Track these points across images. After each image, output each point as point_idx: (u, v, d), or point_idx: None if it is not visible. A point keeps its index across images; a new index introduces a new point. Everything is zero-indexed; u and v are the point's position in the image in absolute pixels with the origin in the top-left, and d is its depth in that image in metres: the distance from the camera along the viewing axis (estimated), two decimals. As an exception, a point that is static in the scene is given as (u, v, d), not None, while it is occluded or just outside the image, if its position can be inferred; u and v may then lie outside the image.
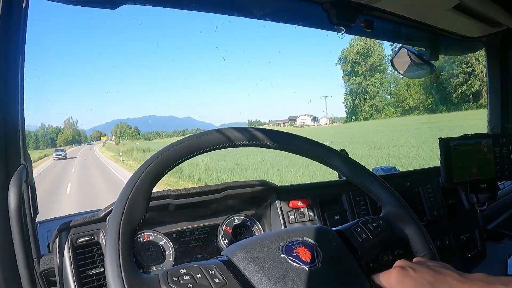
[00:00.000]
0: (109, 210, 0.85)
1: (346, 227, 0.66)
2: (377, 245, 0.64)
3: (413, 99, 42.00)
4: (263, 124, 71.59)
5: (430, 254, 0.64)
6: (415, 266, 0.56)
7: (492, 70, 1.63)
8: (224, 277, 0.51)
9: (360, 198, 1.19)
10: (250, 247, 0.57)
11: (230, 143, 0.63)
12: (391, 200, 0.68)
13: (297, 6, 1.18)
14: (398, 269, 0.56)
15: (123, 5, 0.94)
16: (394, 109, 46.18)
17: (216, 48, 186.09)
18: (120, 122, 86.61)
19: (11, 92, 0.74)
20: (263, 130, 0.67)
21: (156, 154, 0.57)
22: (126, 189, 0.53)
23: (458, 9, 1.20)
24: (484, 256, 1.42)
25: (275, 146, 0.66)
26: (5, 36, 0.72)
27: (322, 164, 0.70)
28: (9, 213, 0.71)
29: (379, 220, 0.66)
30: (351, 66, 49.31)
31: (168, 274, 0.50)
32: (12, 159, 0.74)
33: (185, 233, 1.01)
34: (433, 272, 0.54)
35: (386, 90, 47.98)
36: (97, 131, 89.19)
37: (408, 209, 0.67)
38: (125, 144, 43.98)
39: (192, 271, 0.50)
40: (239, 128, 0.65)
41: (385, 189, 0.69)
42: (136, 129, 77.23)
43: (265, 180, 1.06)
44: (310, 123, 63.77)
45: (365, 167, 0.71)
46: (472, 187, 1.36)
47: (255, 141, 0.65)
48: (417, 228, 0.65)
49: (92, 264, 0.82)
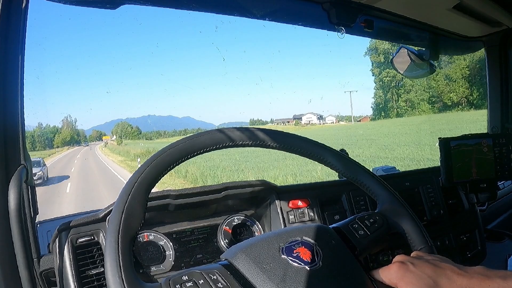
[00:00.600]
0: (109, 210, 0.85)
1: (343, 224, 0.66)
2: (375, 241, 0.64)
3: (456, 93, 37.20)
4: (266, 124, 70.64)
5: (428, 248, 0.63)
6: (414, 260, 0.56)
7: (492, 70, 1.63)
8: (226, 281, 0.51)
9: (360, 197, 1.19)
10: (250, 249, 0.57)
11: (231, 143, 0.63)
12: (385, 195, 0.68)
13: (297, 6, 1.18)
14: (397, 264, 0.56)
15: (123, 5, 0.94)
16: (431, 105, 41.00)
17: (216, 48, 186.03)
18: (121, 121, 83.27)
19: (11, 92, 0.74)
20: (262, 130, 0.67)
21: (150, 159, 0.57)
22: (122, 197, 0.53)
23: (458, 9, 1.20)
24: (484, 256, 1.42)
25: (271, 145, 0.66)
26: (5, 36, 0.72)
27: (316, 162, 0.70)
28: (9, 213, 0.71)
29: (375, 216, 0.66)
30: (384, 57, 42.09)
31: (171, 282, 0.49)
32: (12, 159, 0.74)
33: (185, 233, 1.01)
34: (432, 266, 0.54)
35: (421, 85, 40.87)
36: (97, 130, 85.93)
37: (402, 203, 0.67)
38: (127, 145, 40.84)
39: (194, 277, 0.50)
40: (239, 128, 0.64)
41: (379, 185, 0.68)
42: (137, 128, 74.33)
43: (265, 180, 1.06)
44: (316, 121, 62.21)
45: (360, 164, 0.70)
46: (472, 187, 1.36)
47: (255, 141, 0.65)
48: (412, 222, 0.65)
49: (92, 264, 0.82)
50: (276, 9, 1.20)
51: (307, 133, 31.70)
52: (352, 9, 1.14)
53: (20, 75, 0.75)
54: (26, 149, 0.77)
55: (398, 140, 19.70)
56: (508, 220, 1.68)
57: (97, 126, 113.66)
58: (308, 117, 64.45)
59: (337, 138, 23.98)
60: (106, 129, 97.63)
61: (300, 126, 58.85)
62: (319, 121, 62.07)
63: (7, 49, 0.73)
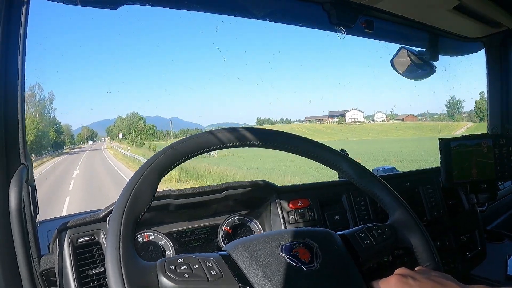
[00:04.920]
0: (109, 210, 0.85)
1: (350, 232, 0.66)
2: (380, 252, 0.64)
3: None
4: (275, 123, 66.61)
5: (434, 265, 0.63)
6: (415, 275, 0.55)
7: (492, 70, 1.63)
8: (220, 270, 0.52)
9: (360, 198, 1.19)
10: (250, 244, 0.58)
11: (258, 143, 0.65)
12: (399, 209, 0.68)
13: (297, 6, 1.19)
14: (397, 277, 0.55)
15: (124, 5, 0.94)
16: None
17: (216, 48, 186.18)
18: (132, 112, 61.71)
19: (11, 92, 0.74)
20: (281, 134, 0.68)
21: (167, 147, 0.58)
22: (134, 177, 0.54)
23: (458, 9, 1.20)
24: (484, 257, 1.42)
25: (290, 150, 0.68)
26: (5, 36, 0.72)
27: (330, 168, 0.70)
28: (9, 212, 0.72)
29: (384, 227, 0.66)
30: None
31: (166, 263, 0.50)
32: (13, 159, 0.74)
33: (185, 233, 1.01)
34: (433, 282, 0.53)
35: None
36: (88, 128, 68.08)
37: (416, 219, 0.67)
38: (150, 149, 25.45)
39: (189, 261, 0.51)
40: (265, 129, 0.67)
41: (393, 197, 0.69)
42: (152, 125, 52.24)
43: (265, 180, 1.06)
44: (362, 119, 53.24)
45: (374, 174, 0.71)
46: (472, 188, 1.36)
47: (278, 143, 0.67)
48: (423, 237, 0.65)
49: (92, 264, 0.82)
50: (277, 10, 1.20)
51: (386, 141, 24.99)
52: (352, 9, 1.14)
53: (21, 75, 0.75)
54: (27, 148, 0.77)
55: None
56: (508, 220, 1.68)
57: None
58: (352, 114, 55.38)
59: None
60: (97, 130, 78.74)
61: (346, 125, 49.28)
62: (366, 120, 52.03)
63: (7, 49, 0.73)
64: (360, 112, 54.22)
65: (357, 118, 54.23)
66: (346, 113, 56.38)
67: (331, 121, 58.40)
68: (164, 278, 0.49)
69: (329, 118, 59.23)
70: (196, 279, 0.50)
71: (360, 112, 54.24)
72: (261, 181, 1.05)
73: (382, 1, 1.10)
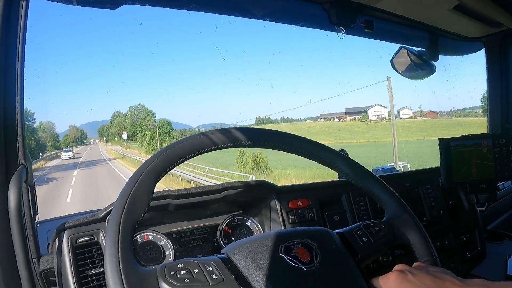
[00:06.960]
0: (108, 210, 0.85)
1: (348, 230, 0.66)
2: (378, 249, 0.64)
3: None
4: (275, 122, 63.95)
5: (432, 260, 0.64)
6: (414, 270, 0.56)
7: (492, 70, 1.63)
8: (221, 273, 0.52)
9: (359, 198, 1.19)
10: (249, 246, 0.57)
11: (250, 143, 0.64)
12: (395, 205, 0.68)
13: (297, 6, 1.19)
14: (397, 273, 0.56)
15: (123, 5, 0.94)
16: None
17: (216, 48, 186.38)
18: (137, 105, 49.82)
19: (11, 92, 0.74)
20: (275, 133, 0.68)
21: (161, 151, 0.58)
22: (130, 182, 0.54)
23: (458, 9, 1.20)
24: (484, 257, 1.42)
25: (284, 149, 0.68)
26: (5, 36, 0.72)
27: (326, 166, 0.70)
28: (9, 213, 0.71)
29: (381, 224, 0.66)
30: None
31: (166, 269, 0.50)
32: (12, 159, 0.74)
33: (184, 233, 1.01)
34: (432, 277, 0.54)
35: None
36: (77, 128, 54.41)
37: (412, 214, 0.68)
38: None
39: (190, 266, 0.51)
40: (258, 129, 0.67)
41: (389, 194, 0.69)
42: (166, 121, 40.55)
43: (264, 180, 1.06)
44: (387, 116, 45.83)
45: (368, 170, 0.71)
46: (472, 188, 1.36)
47: (272, 143, 0.66)
48: (420, 233, 0.66)
49: (92, 264, 0.82)
50: (276, 10, 1.20)
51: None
52: (352, 9, 1.14)
53: (20, 75, 0.75)
54: (26, 149, 0.77)
55: None
56: (508, 220, 1.68)
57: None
58: (376, 110, 49.65)
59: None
60: (87, 131, 65.97)
61: (371, 123, 43.83)
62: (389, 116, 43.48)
63: (7, 49, 0.73)
64: (385, 108, 48.26)
65: (382, 114, 48.89)
66: (369, 110, 50.81)
67: (350, 118, 52.68)
68: (165, 284, 0.48)
69: (347, 115, 54.03)
70: (197, 284, 0.50)
71: (384, 108, 48.44)
72: (261, 181, 1.05)
73: (382, 1, 1.10)
